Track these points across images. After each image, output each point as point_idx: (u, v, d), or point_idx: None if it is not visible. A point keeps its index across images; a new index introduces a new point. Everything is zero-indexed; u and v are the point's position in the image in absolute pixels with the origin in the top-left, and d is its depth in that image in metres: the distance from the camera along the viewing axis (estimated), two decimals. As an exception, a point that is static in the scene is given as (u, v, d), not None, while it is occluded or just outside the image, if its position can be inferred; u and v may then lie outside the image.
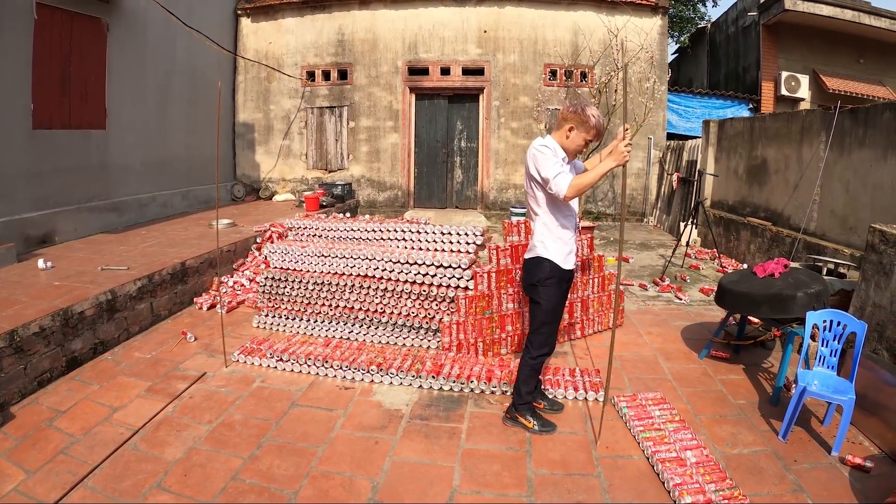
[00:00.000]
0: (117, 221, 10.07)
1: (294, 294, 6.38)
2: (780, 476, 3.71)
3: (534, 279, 4.06)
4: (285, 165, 15.49)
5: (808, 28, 16.27)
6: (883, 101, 7.36)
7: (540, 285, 4.04)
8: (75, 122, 9.22)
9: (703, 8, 24.41)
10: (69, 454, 3.90)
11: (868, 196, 7.30)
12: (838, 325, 4.36)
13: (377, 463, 3.82)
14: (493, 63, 14.47)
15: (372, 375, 5.05)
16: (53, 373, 5.09)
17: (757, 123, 10.29)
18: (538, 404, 4.47)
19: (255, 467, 3.76)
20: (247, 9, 15.15)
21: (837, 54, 16.89)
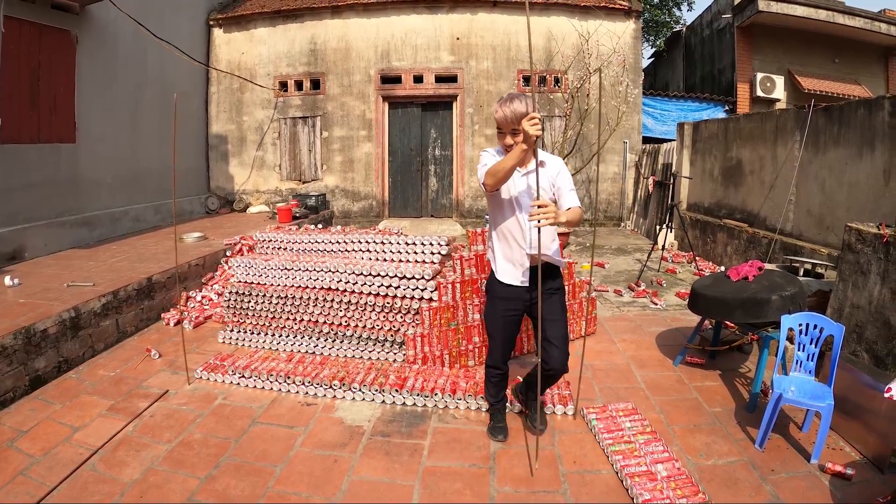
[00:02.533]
0: (89, 236, 9.95)
1: (258, 308, 6.25)
2: (757, 487, 3.60)
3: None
4: (259, 177, 15.39)
5: (783, 29, 16.37)
6: (857, 99, 7.31)
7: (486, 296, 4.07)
8: (45, 135, 9.13)
9: (678, 12, 24.62)
10: (28, 475, 3.82)
11: (844, 195, 7.25)
12: (815, 329, 4.26)
13: (335, 483, 3.67)
14: (466, 70, 14.45)
15: (335, 391, 4.91)
16: (17, 392, 4.98)
17: (731, 124, 10.26)
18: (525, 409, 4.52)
19: (211, 488, 3.64)
20: (219, 19, 15.07)
21: (812, 54, 17.01)
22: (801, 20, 15.79)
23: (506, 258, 3.85)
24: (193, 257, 8.18)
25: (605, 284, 8.59)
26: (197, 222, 12.68)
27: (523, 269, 3.80)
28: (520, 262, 3.81)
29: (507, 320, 3.93)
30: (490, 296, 3.98)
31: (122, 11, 10.19)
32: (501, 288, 3.88)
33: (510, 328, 3.98)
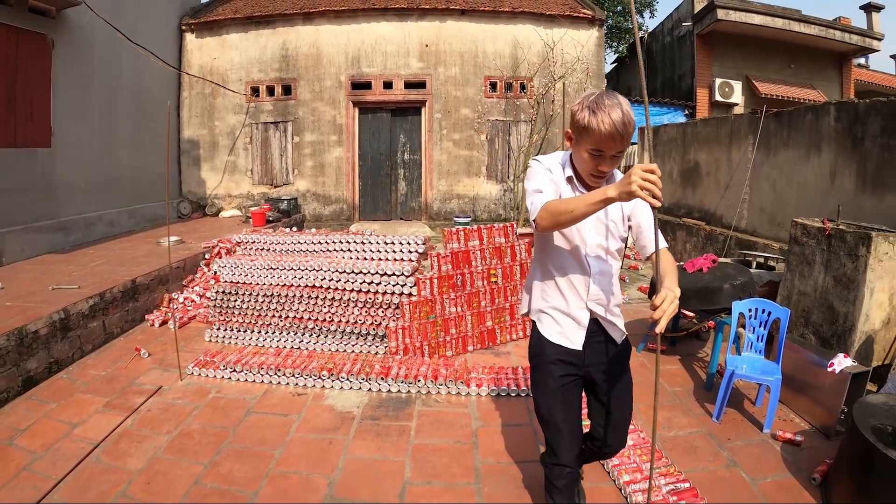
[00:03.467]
0: (64, 241, 10.01)
1: (245, 307, 6.52)
2: (715, 453, 4.02)
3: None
4: (231, 181, 15.50)
5: (741, 36, 16.89)
6: (807, 104, 7.80)
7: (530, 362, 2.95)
8: (21, 140, 9.15)
9: (641, 19, 25.03)
10: (32, 470, 3.97)
11: (794, 194, 7.73)
12: (763, 313, 4.71)
13: (332, 462, 4.00)
14: (434, 76, 14.74)
15: (323, 381, 5.23)
16: (10, 393, 5.11)
17: (689, 129, 10.74)
18: None
19: (215, 472, 3.91)
20: (191, 24, 15.13)
21: (769, 60, 17.56)
22: (759, 28, 16.32)
23: (557, 310, 2.78)
24: (174, 260, 8.32)
25: (572, 282, 8.98)
26: (171, 227, 12.60)
27: (579, 327, 2.74)
28: (576, 318, 2.74)
29: (568, 390, 2.78)
30: (538, 360, 2.84)
31: (99, 16, 10.27)
32: (553, 348, 2.76)
33: (573, 403, 2.80)
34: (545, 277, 2.79)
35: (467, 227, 6.32)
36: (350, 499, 3.59)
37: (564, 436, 2.73)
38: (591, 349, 2.76)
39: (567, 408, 2.75)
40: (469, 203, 15.00)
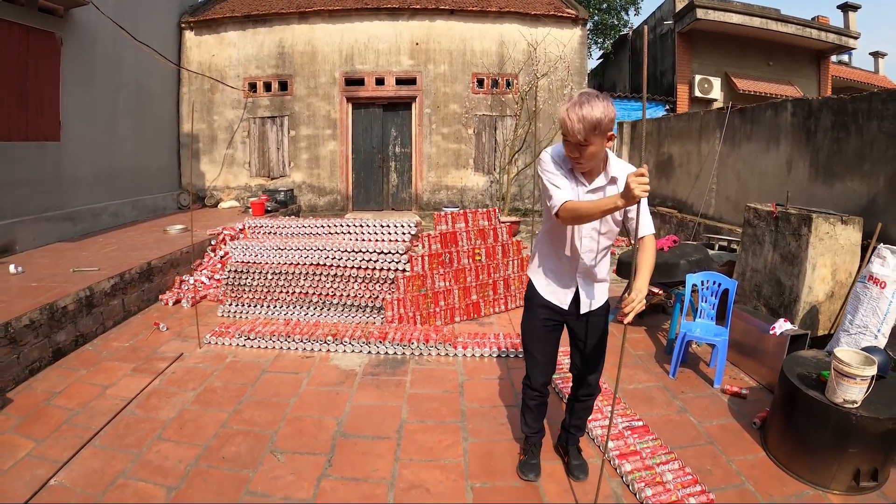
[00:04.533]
0: (72, 231, 10.45)
1: (255, 284, 7.18)
2: (668, 402, 4.68)
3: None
4: (229, 174, 16.00)
5: (721, 34, 17.47)
6: (766, 102, 8.42)
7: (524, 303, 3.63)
8: (32, 134, 9.58)
9: (626, 16, 25.49)
10: (72, 423, 4.51)
11: (755, 182, 8.38)
12: (714, 284, 5.36)
13: (340, 407, 4.67)
14: (424, 73, 15.31)
15: (328, 345, 5.90)
16: (42, 362, 5.65)
17: (663, 123, 11.40)
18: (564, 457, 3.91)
19: (239, 418, 4.54)
20: (190, 22, 15.58)
21: (748, 58, 18.13)
22: (737, 27, 16.92)
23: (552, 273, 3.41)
24: (183, 246, 8.94)
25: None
26: (174, 216, 13.28)
27: (567, 291, 3.37)
28: (566, 284, 3.37)
29: (549, 330, 3.50)
30: (530, 304, 3.52)
31: (105, 15, 10.71)
32: (541, 299, 3.43)
33: (551, 341, 3.54)
34: (546, 247, 3.41)
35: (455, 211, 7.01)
36: (357, 434, 4.25)
37: (539, 364, 3.54)
38: (574, 306, 3.38)
39: (545, 344, 3.51)
40: (457, 194, 15.57)
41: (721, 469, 3.71)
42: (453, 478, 3.68)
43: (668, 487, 3.39)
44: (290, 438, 4.22)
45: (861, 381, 3.44)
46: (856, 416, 3.45)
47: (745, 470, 3.69)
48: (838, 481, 3.53)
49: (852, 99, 6.72)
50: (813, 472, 3.61)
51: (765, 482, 3.57)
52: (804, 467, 3.65)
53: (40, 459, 4.00)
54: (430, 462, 3.86)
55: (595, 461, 3.80)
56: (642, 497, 3.35)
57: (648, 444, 3.89)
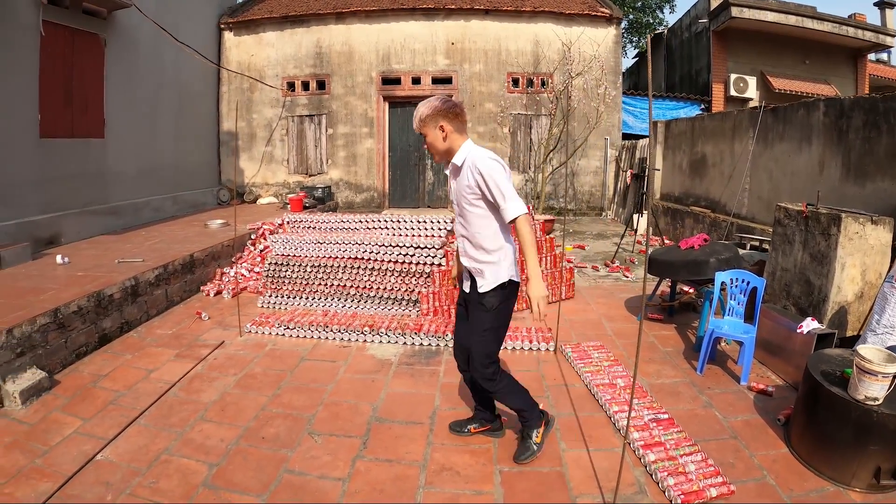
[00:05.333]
0: (115, 224, 10.79)
1: (294, 276, 7.41)
2: (695, 397, 4.76)
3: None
4: (268, 171, 16.35)
5: (756, 33, 17.31)
6: (800, 101, 8.42)
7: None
8: (77, 131, 9.98)
9: (661, 14, 25.41)
10: (118, 404, 4.75)
11: (787, 182, 8.39)
12: (743, 282, 5.41)
13: (375, 394, 4.85)
14: (460, 72, 15.52)
15: (365, 336, 6.09)
16: (88, 347, 5.93)
17: (697, 123, 11.41)
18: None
19: (278, 401, 4.75)
20: (229, 23, 15.99)
21: (784, 56, 17.93)
22: (773, 25, 16.77)
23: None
24: (223, 239, 9.22)
25: (584, 262, 9.78)
26: (213, 211, 13.64)
27: (466, 275, 3.81)
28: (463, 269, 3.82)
29: (459, 315, 3.97)
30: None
31: (147, 17, 11.09)
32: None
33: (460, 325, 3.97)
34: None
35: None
36: (391, 419, 4.43)
37: (454, 344, 4.05)
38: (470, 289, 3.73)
39: (457, 326, 3.99)
40: (492, 192, 15.67)
41: (743, 463, 3.77)
42: (482, 462, 3.83)
43: (690, 478, 3.47)
44: (327, 422, 4.41)
45: (883, 378, 3.46)
46: (877, 413, 3.46)
47: (767, 464, 3.74)
48: (859, 478, 3.54)
49: (884, 98, 6.72)
50: (834, 469, 3.62)
51: (786, 477, 3.62)
52: (825, 463, 3.67)
53: (87, 436, 4.22)
54: (460, 447, 4.02)
55: (618, 450, 3.91)
56: (664, 486, 3.44)
57: (673, 435, 3.97)
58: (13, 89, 8.58)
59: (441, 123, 3.53)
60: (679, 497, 3.32)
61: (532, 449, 3.88)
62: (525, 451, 3.88)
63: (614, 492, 3.33)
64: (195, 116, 14.79)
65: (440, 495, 3.48)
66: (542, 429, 3.95)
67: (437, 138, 3.57)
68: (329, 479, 3.66)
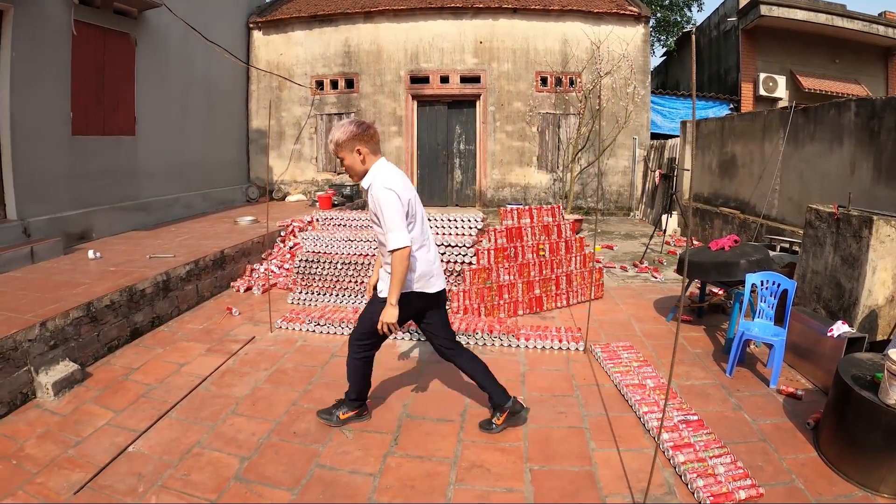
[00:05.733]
0: (146, 220, 10.97)
1: (324, 273, 7.49)
2: (724, 399, 4.75)
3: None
4: (296, 168, 16.50)
5: (785, 31, 17.09)
6: (831, 101, 8.34)
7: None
8: (109, 128, 10.16)
9: (689, 12, 25.18)
10: (149, 397, 4.85)
11: (818, 183, 8.32)
12: (773, 284, 5.39)
13: (405, 391, 4.91)
14: (488, 71, 15.53)
15: (395, 334, 6.08)
16: (120, 340, 6.05)
17: (727, 123, 11.34)
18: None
19: (309, 397, 4.82)
20: (258, 22, 16.17)
21: (813, 55, 17.67)
22: (802, 23, 16.54)
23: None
24: (253, 236, 9.32)
25: (613, 262, 9.76)
26: (242, 209, 13.79)
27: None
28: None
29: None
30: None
31: (177, 16, 11.21)
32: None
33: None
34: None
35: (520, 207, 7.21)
36: (422, 415, 4.48)
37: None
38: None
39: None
40: (521, 191, 15.76)
41: (772, 466, 3.76)
42: (513, 460, 3.85)
43: (719, 480, 3.47)
44: (359, 418, 4.46)
45: (914, 382, 3.46)
46: (907, 418, 3.42)
47: (796, 468, 3.73)
48: (888, 484, 3.51)
49: (917, 99, 6.68)
50: (862, 474, 3.60)
51: (814, 481, 3.60)
52: (854, 468, 3.64)
53: (119, 428, 4.32)
54: (491, 444, 4.05)
55: (647, 451, 3.92)
56: (694, 487, 3.44)
57: (702, 437, 3.97)
58: (46, 87, 8.74)
59: (358, 147, 3.82)
60: (708, 498, 3.32)
61: (334, 419, 4.35)
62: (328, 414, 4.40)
63: (644, 492, 3.34)
64: (224, 114, 14.96)
65: (471, 492, 3.51)
66: (351, 413, 4.37)
67: (355, 161, 3.87)
68: (360, 474, 3.71)
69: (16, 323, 5.03)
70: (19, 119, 8.26)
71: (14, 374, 4.72)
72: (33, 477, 3.68)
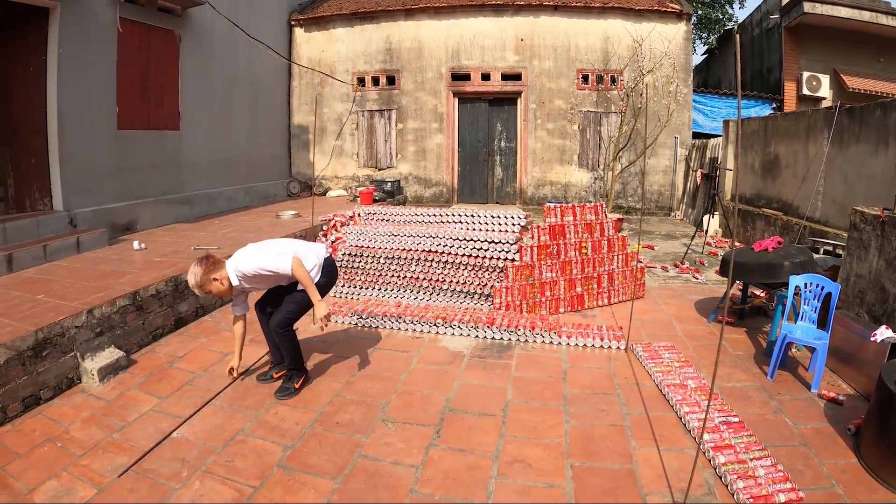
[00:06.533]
0: (189, 213, 11.24)
1: (367, 267, 7.61)
2: (765, 402, 4.73)
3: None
4: (338, 164, 16.67)
5: (828, 29, 16.71)
6: (877, 101, 8.22)
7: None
8: (153, 123, 10.43)
9: (731, 9, 24.88)
10: (194, 384, 5.01)
11: (863, 185, 8.21)
12: (817, 287, 5.35)
13: (448, 385, 4.98)
14: (529, 69, 15.51)
15: (437, 328, 6.24)
16: (164, 329, 6.24)
17: (770, 122, 11.23)
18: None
19: (352, 388, 4.92)
20: (300, 20, 16.35)
21: (857, 54, 17.25)
22: (846, 21, 16.13)
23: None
24: (295, 230, 9.47)
25: (653, 262, 9.73)
26: (284, 203, 14.03)
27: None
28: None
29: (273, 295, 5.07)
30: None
31: (220, 13, 11.46)
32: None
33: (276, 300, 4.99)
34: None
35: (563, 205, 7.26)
36: (464, 409, 4.55)
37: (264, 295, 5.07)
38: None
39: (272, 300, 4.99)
40: (561, 190, 15.74)
41: (812, 470, 3.74)
42: (554, 455, 3.90)
43: (759, 482, 3.47)
44: (401, 410, 4.55)
45: (957, 390, 3.43)
46: (950, 426, 3.37)
47: (836, 474, 3.71)
48: None
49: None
50: None
51: (854, 487, 3.58)
52: (895, 475, 3.61)
53: (163, 414, 4.48)
54: (532, 440, 4.11)
55: (688, 451, 3.94)
56: (734, 489, 3.46)
57: (743, 439, 3.97)
58: (92, 83, 8.99)
59: (213, 276, 4.43)
60: (748, 500, 3.34)
61: (292, 390, 4.83)
62: (286, 391, 4.82)
63: (685, 492, 3.38)
64: (267, 110, 15.18)
65: (512, 486, 3.57)
66: (302, 381, 4.92)
67: (219, 288, 4.51)
68: (403, 465, 3.79)
69: (63, 310, 5.24)
70: (66, 113, 8.52)
71: (61, 359, 4.93)
72: (78, 459, 3.84)
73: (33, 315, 5.12)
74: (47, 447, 4.00)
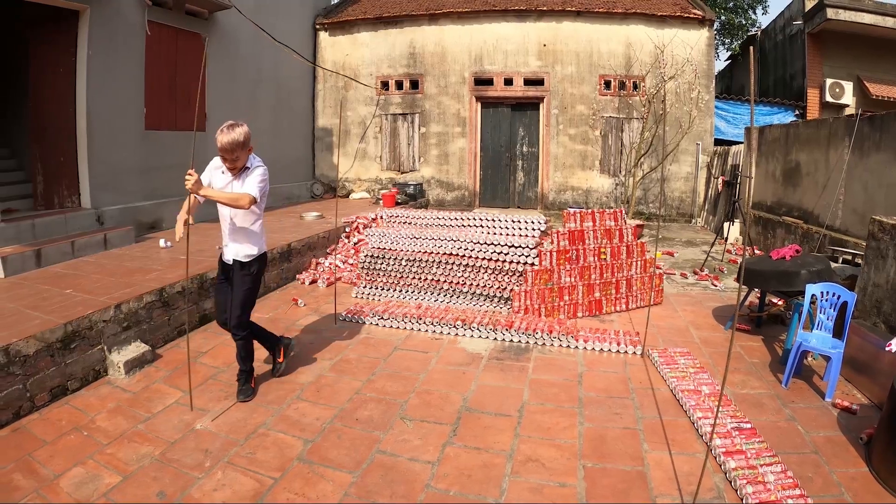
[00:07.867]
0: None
1: (389, 269, 7.75)
2: (778, 410, 4.78)
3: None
4: (361, 167, 16.81)
5: (852, 35, 16.52)
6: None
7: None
8: (180, 124, 10.60)
9: (754, 15, 24.72)
10: (218, 379, 5.19)
11: (883, 194, 8.17)
12: (833, 296, 5.37)
13: (465, 385, 5.10)
14: (552, 74, 15.56)
15: (457, 330, 6.36)
16: (190, 325, 6.37)
17: (791, 130, 11.21)
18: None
19: (371, 387, 5.06)
20: (324, 24, 16.55)
21: (882, 60, 17.02)
22: (870, 27, 15.90)
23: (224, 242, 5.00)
24: (319, 231, 9.63)
25: (673, 269, 9.78)
26: (308, 205, 14.18)
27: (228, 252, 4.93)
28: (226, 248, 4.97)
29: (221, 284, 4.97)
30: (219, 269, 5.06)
31: (247, 18, 11.60)
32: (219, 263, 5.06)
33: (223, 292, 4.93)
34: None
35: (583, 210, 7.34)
36: (480, 409, 4.66)
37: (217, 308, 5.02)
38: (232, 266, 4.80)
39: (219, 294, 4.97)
40: (582, 195, 15.77)
41: (822, 478, 3.78)
42: (567, 456, 3.99)
43: (768, 487, 3.53)
44: (419, 408, 4.68)
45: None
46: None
47: (846, 482, 3.74)
48: None
49: None
50: None
51: (863, 496, 3.61)
52: None
53: (187, 407, 4.64)
54: (546, 440, 4.20)
55: (699, 455, 4.01)
56: (743, 493, 3.52)
57: (754, 445, 4.02)
58: (121, 84, 9.21)
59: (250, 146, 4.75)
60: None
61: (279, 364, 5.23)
62: (278, 368, 5.21)
63: (694, 495, 3.45)
64: (291, 113, 15.38)
65: (525, 484, 3.67)
66: (283, 353, 5.27)
67: (242, 159, 4.75)
68: (419, 461, 3.91)
69: (91, 304, 5.43)
70: (95, 113, 8.73)
71: (88, 351, 5.11)
72: (103, 447, 4.00)
73: (62, 308, 5.30)
74: (74, 436, 4.16)
